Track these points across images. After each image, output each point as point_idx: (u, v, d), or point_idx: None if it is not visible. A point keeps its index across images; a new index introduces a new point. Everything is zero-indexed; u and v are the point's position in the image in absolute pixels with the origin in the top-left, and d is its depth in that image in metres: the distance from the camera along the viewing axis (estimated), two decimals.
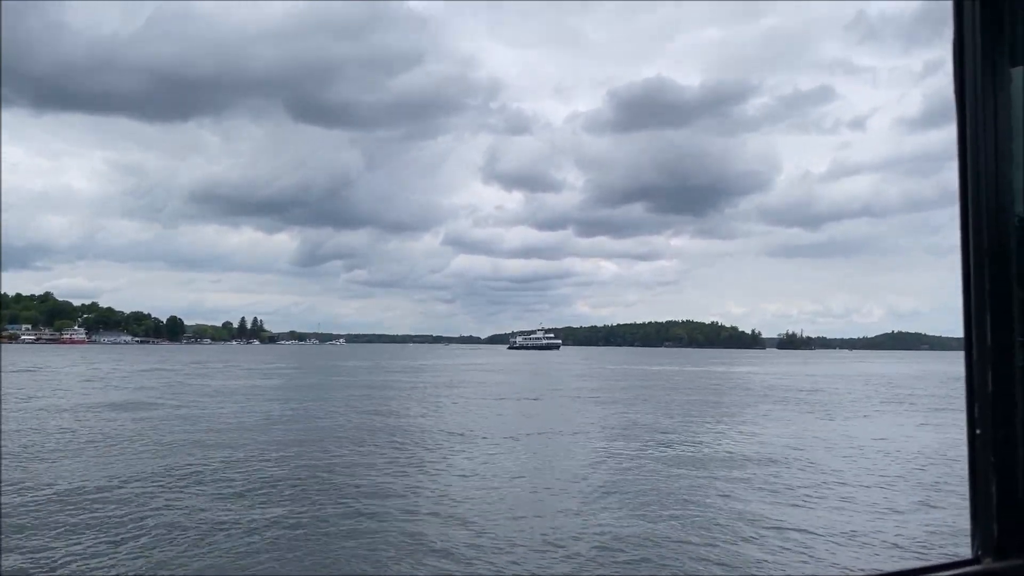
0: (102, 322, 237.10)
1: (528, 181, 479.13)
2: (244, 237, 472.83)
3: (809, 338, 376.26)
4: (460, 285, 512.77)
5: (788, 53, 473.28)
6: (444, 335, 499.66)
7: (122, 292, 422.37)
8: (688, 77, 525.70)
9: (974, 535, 1.54)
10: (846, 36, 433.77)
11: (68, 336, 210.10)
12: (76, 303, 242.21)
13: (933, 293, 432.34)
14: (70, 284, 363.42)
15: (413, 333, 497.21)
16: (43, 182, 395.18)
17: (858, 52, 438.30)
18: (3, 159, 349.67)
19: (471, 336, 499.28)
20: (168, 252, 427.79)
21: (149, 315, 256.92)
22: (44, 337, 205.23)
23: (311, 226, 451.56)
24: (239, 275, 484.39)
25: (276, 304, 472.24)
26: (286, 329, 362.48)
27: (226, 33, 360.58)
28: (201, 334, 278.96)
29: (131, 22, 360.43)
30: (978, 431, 1.50)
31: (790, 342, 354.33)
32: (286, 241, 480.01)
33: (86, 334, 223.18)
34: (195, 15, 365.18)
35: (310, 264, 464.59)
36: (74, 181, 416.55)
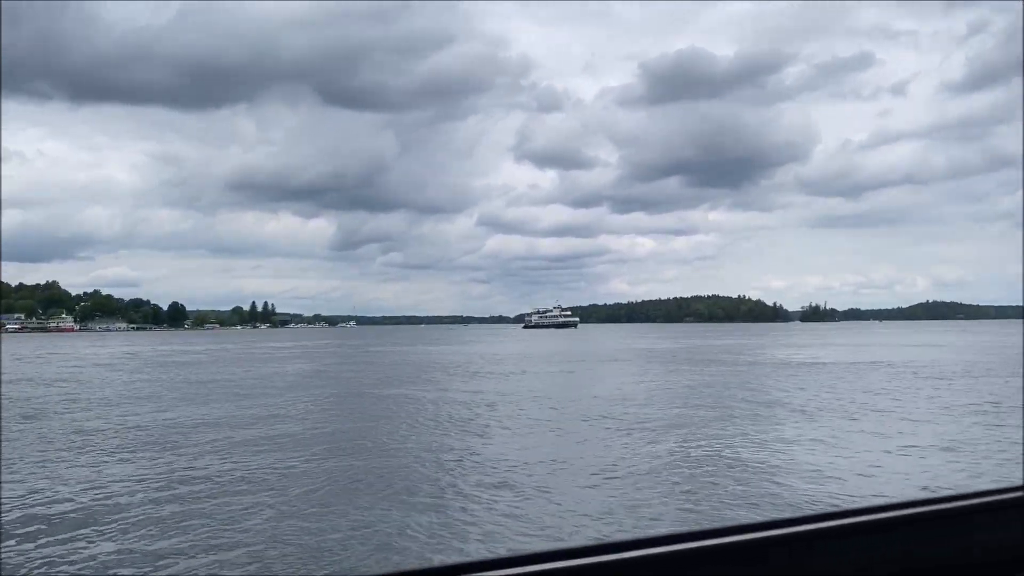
0: (99, 310, 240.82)
1: (561, 159, 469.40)
2: (282, 223, 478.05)
3: (834, 310, 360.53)
4: (495, 266, 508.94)
5: (825, 20, 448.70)
6: (478, 316, 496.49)
7: (164, 281, 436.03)
8: (722, 48, 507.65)
9: None
10: None
11: (55, 325, 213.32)
12: (75, 292, 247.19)
13: (978, 261, 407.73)
14: (115, 274, 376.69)
15: (447, 315, 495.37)
16: (86, 175, 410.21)
17: (898, 15, 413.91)
18: (47, 154, 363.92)
19: (500, 316, 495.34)
20: (208, 240, 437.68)
21: (148, 301, 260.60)
22: (30, 326, 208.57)
23: (347, 211, 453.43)
24: (279, 261, 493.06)
25: (315, 289, 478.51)
26: (320, 313, 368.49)
27: (255, 21, 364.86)
28: (204, 320, 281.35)
29: (162, 14, 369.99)
30: None
31: (813, 314, 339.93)
32: (323, 226, 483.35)
33: (79, 322, 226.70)
34: (224, 5, 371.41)
35: (347, 248, 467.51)
36: (115, 173, 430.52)
